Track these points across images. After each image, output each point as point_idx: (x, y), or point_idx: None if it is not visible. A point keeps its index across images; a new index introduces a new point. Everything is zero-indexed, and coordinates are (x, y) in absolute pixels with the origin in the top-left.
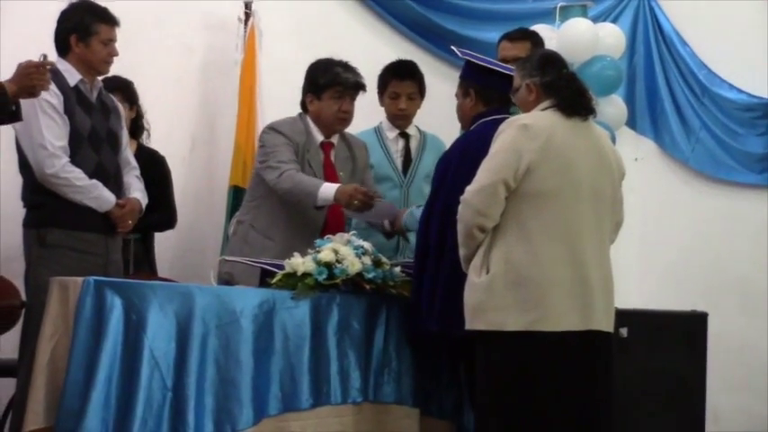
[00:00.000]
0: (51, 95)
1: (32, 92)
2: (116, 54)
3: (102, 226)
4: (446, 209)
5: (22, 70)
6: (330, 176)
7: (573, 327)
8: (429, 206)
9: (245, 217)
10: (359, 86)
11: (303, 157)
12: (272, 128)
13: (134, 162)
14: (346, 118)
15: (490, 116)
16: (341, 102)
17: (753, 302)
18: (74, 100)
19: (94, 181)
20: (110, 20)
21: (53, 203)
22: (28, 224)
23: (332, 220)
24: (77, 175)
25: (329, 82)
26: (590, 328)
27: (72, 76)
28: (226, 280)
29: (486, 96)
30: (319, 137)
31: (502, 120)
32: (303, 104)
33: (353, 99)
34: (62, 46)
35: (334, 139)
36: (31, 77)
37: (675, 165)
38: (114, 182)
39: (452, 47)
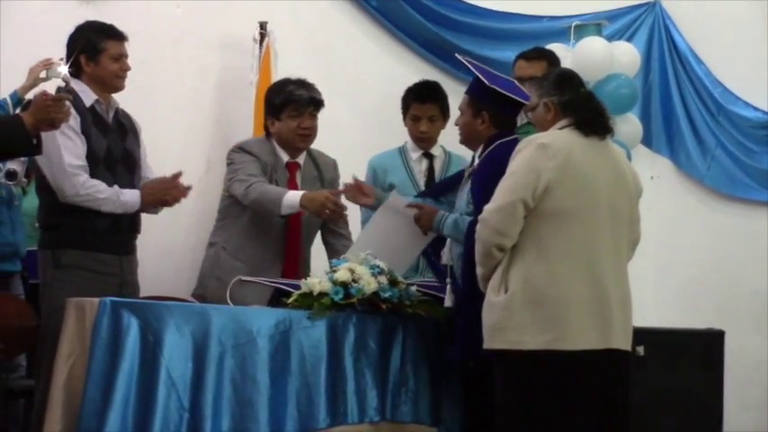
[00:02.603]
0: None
1: (52, 124)
2: (128, 68)
3: (117, 246)
4: None
5: (39, 103)
6: None
7: (591, 345)
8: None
9: (216, 239)
10: (314, 102)
11: (271, 176)
12: (240, 147)
13: (152, 177)
14: (308, 134)
15: (504, 138)
16: (299, 119)
17: None
18: (90, 121)
19: (115, 188)
20: (116, 35)
21: (68, 224)
22: (43, 245)
23: (291, 238)
24: (98, 188)
25: (284, 101)
26: (608, 347)
27: (87, 96)
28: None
29: (500, 121)
30: (285, 157)
31: (515, 140)
32: (266, 128)
33: (313, 115)
34: (74, 68)
35: (301, 159)
36: (49, 110)
37: (691, 183)
38: None
39: (458, 55)
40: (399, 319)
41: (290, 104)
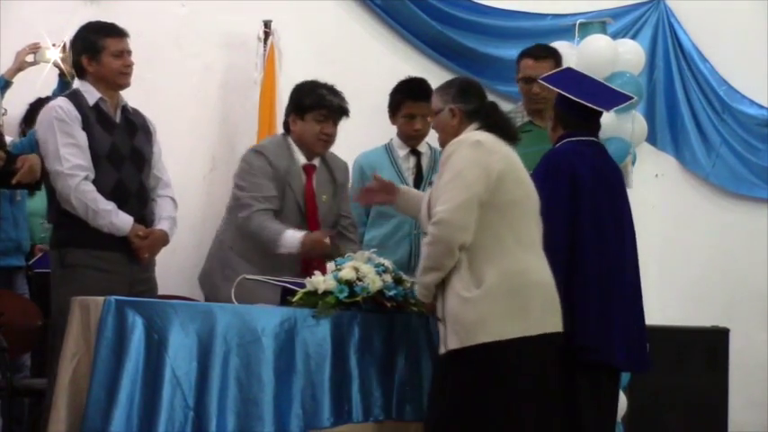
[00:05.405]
0: (67, 116)
1: None
2: (130, 64)
3: (122, 245)
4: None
5: None
6: (309, 201)
7: (555, 328)
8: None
9: (224, 237)
10: (342, 111)
11: (284, 180)
12: (257, 151)
13: (166, 178)
14: (328, 140)
15: (575, 137)
16: (323, 124)
17: None
18: (93, 119)
19: (111, 207)
20: (115, 32)
21: (71, 223)
22: (51, 244)
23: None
24: (94, 197)
25: (314, 104)
26: (558, 330)
27: (91, 95)
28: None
29: (567, 121)
30: (302, 159)
31: (587, 141)
32: (286, 125)
33: (336, 123)
34: (78, 70)
35: (316, 162)
36: None
37: (696, 180)
38: (137, 200)
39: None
40: (404, 317)
41: (320, 109)
